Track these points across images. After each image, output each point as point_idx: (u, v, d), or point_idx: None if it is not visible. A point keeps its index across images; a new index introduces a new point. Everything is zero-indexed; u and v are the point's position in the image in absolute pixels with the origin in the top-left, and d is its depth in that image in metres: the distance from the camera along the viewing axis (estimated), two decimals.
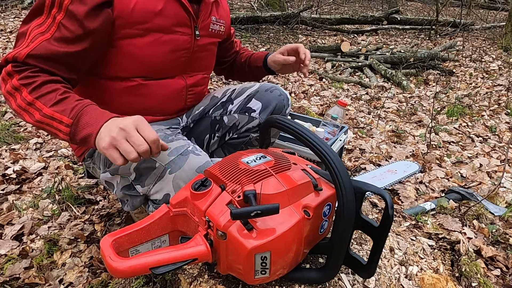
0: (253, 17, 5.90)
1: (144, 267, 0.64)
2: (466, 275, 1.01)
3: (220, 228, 0.67)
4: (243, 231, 0.67)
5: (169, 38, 1.09)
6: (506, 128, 3.05)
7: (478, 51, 5.66)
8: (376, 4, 9.89)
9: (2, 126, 2.30)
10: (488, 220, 1.64)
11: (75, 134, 0.85)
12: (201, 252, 0.69)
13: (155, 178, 1.03)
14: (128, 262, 0.64)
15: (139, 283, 1.07)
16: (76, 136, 0.85)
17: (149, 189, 1.05)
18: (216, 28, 1.25)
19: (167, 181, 1.01)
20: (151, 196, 1.07)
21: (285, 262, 0.73)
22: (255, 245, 0.66)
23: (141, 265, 0.64)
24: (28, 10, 5.80)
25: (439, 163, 2.35)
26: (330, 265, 0.77)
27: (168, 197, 1.03)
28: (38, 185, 1.80)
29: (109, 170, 1.11)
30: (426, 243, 1.06)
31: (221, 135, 1.39)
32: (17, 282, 1.26)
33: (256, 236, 0.67)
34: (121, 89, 1.10)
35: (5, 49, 3.82)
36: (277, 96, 1.35)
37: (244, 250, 0.66)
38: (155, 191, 1.05)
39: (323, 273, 0.79)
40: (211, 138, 1.39)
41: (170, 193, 1.03)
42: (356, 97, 3.79)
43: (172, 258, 0.66)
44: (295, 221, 0.69)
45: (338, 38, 6.30)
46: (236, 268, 0.72)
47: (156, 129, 1.16)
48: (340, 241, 0.72)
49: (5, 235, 1.46)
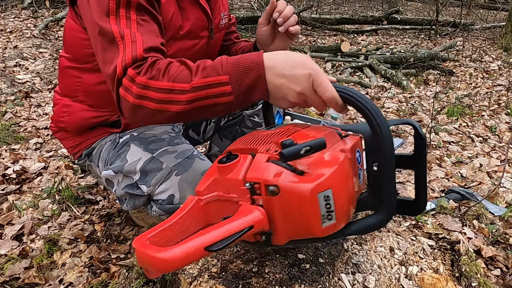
0: (253, 17, 5.90)
1: (199, 248, 0.55)
2: (466, 275, 1.01)
3: (269, 182, 0.61)
4: (295, 178, 0.61)
5: (192, 44, 1.10)
6: (506, 128, 3.05)
7: (478, 51, 5.66)
8: (376, 4, 9.89)
9: (2, 126, 2.30)
10: (488, 220, 1.64)
11: (239, 86, 0.74)
12: (256, 217, 0.61)
13: (161, 178, 1.05)
14: (178, 248, 0.55)
15: (139, 283, 1.07)
16: (242, 88, 0.74)
17: (154, 189, 1.06)
18: (224, 22, 1.26)
19: (173, 183, 1.04)
20: (155, 196, 1.08)
21: (347, 200, 0.66)
22: (315, 184, 0.60)
23: (195, 247, 0.55)
24: (28, 10, 5.78)
25: (439, 163, 2.35)
26: (386, 201, 0.70)
27: (173, 198, 1.05)
28: (38, 185, 1.80)
29: (111, 168, 1.11)
30: (426, 243, 1.06)
31: (217, 120, 1.41)
32: (17, 282, 1.26)
33: (311, 177, 0.61)
34: None
35: (5, 49, 3.82)
36: None
37: (305, 193, 0.60)
38: (160, 191, 1.06)
39: (381, 212, 0.71)
40: (207, 124, 1.42)
41: (175, 194, 1.04)
42: None
43: (226, 231, 0.58)
44: (343, 157, 0.65)
45: (338, 38, 6.30)
46: (297, 224, 0.64)
47: (162, 131, 1.17)
48: (388, 171, 0.68)
49: (5, 235, 1.46)
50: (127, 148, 1.11)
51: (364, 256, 0.95)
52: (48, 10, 5.53)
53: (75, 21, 1.03)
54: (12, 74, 3.22)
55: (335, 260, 0.93)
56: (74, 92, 1.13)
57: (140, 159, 1.08)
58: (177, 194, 1.05)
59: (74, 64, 1.09)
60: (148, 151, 1.09)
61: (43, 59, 3.77)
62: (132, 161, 1.08)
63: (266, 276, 0.87)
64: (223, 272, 0.88)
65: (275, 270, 0.89)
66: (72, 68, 1.10)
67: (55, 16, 5.09)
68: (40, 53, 3.94)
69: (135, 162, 1.08)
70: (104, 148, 1.17)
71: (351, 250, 0.97)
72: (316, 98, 0.73)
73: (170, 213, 1.10)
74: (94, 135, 1.18)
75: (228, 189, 0.67)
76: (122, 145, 1.13)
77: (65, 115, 1.15)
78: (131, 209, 1.21)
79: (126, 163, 1.08)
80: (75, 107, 1.14)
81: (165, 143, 1.10)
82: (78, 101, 1.13)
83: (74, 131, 1.17)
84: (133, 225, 1.54)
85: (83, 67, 1.08)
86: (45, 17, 5.17)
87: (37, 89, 3.01)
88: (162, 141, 1.12)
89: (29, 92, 2.90)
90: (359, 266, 0.93)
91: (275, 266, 0.90)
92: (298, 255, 0.94)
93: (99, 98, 1.10)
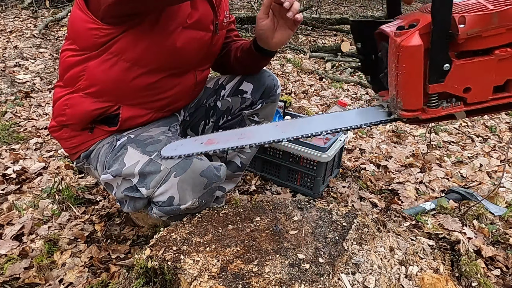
0: (253, 17, 5.89)
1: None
2: (466, 275, 1.01)
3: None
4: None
5: (198, 35, 1.15)
6: (506, 128, 3.05)
7: None
8: (376, 4, 9.88)
9: (2, 126, 2.30)
10: (488, 220, 1.64)
11: None
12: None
13: (160, 180, 1.05)
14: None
15: (139, 283, 1.07)
16: None
17: (153, 191, 1.06)
18: (226, 21, 1.30)
19: (172, 184, 1.04)
20: (155, 198, 1.08)
21: None
22: None
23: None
24: (28, 10, 5.77)
25: (439, 163, 2.35)
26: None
27: (172, 200, 1.05)
28: (38, 185, 1.80)
29: (110, 172, 1.11)
30: (426, 243, 1.06)
31: (215, 120, 1.42)
32: (17, 282, 1.26)
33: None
34: (139, 82, 1.12)
35: (5, 49, 3.82)
36: (267, 76, 1.40)
37: None
38: (160, 193, 1.06)
39: None
40: (205, 124, 1.42)
41: (175, 195, 1.05)
42: (356, 97, 3.79)
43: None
44: None
45: (338, 38, 6.29)
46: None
47: (159, 132, 1.17)
48: None
49: (5, 235, 1.46)
50: (125, 151, 1.12)
51: (364, 256, 0.95)
52: (48, 10, 5.53)
53: (84, 11, 1.06)
54: (12, 74, 3.22)
55: (335, 260, 0.93)
56: (76, 80, 1.13)
57: (138, 162, 1.08)
58: (177, 195, 1.05)
59: (80, 54, 1.10)
60: (145, 153, 1.09)
61: (43, 59, 3.77)
62: (130, 165, 1.08)
63: (266, 276, 0.87)
64: (223, 272, 0.88)
65: (275, 270, 0.89)
66: (77, 57, 1.11)
67: (55, 16, 5.09)
68: (40, 53, 3.94)
69: (133, 165, 1.08)
70: (102, 151, 1.17)
71: (351, 250, 0.97)
72: None
73: (170, 215, 1.11)
74: (92, 136, 1.19)
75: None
76: (120, 148, 1.13)
77: (66, 108, 1.16)
78: (132, 211, 1.21)
79: (124, 166, 1.09)
80: (76, 99, 1.14)
81: (162, 144, 1.10)
82: (79, 89, 1.14)
83: (74, 125, 1.17)
84: (133, 225, 1.54)
85: (89, 56, 1.09)
86: (45, 17, 5.17)
87: (37, 89, 3.01)
88: (159, 142, 1.12)
89: (29, 92, 2.90)
90: (359, 266, 0.93)
91: (275, 266, 0.90)
92: (298, 255, 0.94)
93: (102, 84, 1.11)
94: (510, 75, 0.65)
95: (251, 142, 0.96)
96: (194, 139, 1.08)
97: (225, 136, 1.02)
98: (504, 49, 0.63)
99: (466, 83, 0.66)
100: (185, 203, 1.07)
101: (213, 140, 1.02)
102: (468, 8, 0.61)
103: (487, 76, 0.65)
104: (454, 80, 0.65)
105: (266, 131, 0.97)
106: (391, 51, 0.69)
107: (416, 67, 0.64)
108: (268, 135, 0.95)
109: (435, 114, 0.69)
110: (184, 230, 1.04)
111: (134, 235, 1.50)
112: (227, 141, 0.99)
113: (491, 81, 0.66)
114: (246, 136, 0.98)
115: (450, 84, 0.65)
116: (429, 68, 0.64)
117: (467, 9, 0.61)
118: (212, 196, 1.13)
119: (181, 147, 1.06)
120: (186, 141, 1.09)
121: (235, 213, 1.13)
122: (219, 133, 1.05)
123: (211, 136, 1.04)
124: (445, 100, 0.68)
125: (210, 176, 1.08)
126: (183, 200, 1.06)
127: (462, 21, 0.60)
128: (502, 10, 0.59)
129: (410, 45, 0.63)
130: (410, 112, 0.69)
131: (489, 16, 0.59)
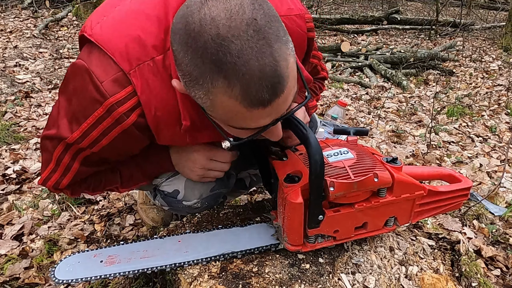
0: None
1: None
2: (466, 275, 1.01)
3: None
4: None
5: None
6: (506, 128, 3.05)
7: (478, 51, 5.66)
8: (376, 4, 9.88)
9: (2, 126, 2.30)
10: (488, 220, 1.64)
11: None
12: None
13: (169, 175, 1.08)
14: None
15: (139, 283, 1.07)
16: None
17: (161, 181, 1.09)
18: None
19: (181, 180, 1.07)
20: (161, 187, 1.10)
21: None
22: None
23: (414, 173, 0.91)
24: (28, 10, 5.77)
25: (439, 163, 2.35)
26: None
27: (177, 194, 1.09)
28: (38, 185, 1.80)
29: None
30: (426, 243, 1.06)
31: None
32: (17, 282, 1.26)
33: None
34: None
35: (5, 49, 3.82)
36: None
37: None
38: (167, 184, 1.09)
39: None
40: None
41: (180, 190, 1.08)
42: (356, 97, 3.79)
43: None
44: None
45: (338, 38, 6.29)
46: None
47: None
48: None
49: (5, 235, 1.46)
50: None
51: (364, 256, 0.95)
52: (48, 10, 5.54)
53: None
54: (12, 74, 3.22)
55: (335, 260, 0.93)
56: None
57: None
58: (183, 191, 1.08)
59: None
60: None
61: (43, 59, 3.77)
62: None
63: (266, 276, 0.87)
64: (223, 272, 0.88)
65: (275, 270, 0.89)
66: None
67: (55, 16, 5.09)
68: (40, 53, 3.94)
69: None
70: None
71: (351, 250, 0.97)
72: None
73: (171, 206, 1.12)
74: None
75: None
76: None
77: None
78: (137, 189, 1.22)
79: None
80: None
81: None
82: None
83: None
84: (134, 225, 1.54)
85: None
86: (45, 17, 5.18)
87: (37, 89, 3.01)
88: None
89: (29, 92, 2.90)
90: (359, 266, 0.93)
91: (275, 266, 0.90)
92: (298, 255, 0.94)
93: None
94: (366, 219, 0.90)
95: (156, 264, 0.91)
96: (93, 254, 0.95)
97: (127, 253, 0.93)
98: (361, 203, 0.86)
99: (335, 227, 0.87)
100: (189, 200, 1.08)
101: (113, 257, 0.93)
102: (337, 174, 0.82)
103: (350, 222, 0.89)
104: (326, 225, 0.86)
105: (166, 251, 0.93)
106: (279, 195, 0.88)
107: (297, 217, 0.83)
108: (168, 256, 0.91)
109: (313, 248, 0.89)
110: (184, 230, 1.04)
111: (134, 235, 1.50)
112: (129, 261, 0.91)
113: (353, 224, 0.89)
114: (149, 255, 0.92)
115: (324, 229, 0.86)
116: (308, 218, 0.83)
117: (336, 175, 0.81)
118: (215, 201, 1.15)
119: (77, 264, 0.93)
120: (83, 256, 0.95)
121: (235, 213, 1.14)
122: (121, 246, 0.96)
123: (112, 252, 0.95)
124: (320, 236, 0.89)
125: (219, 182, 1.10)
126: (187, 197, 1.08)
127: (332, 185, 0.80)
128: (360, 180, 0.81)
129: (293, 201, 0.81)
130: (293, 246, 0.89)
131: (351, 184, 0.81)
